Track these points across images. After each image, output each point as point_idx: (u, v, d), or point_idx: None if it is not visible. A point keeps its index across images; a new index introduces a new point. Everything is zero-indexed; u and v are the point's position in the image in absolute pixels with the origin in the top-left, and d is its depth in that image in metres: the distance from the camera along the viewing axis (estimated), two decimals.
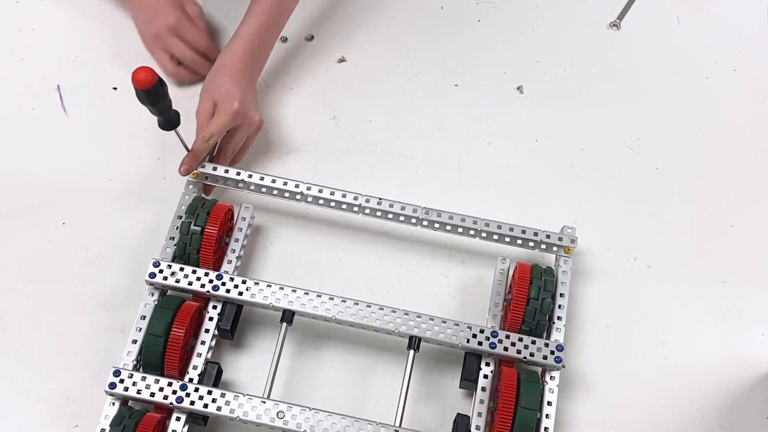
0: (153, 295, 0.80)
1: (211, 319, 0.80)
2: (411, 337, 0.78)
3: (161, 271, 0.80)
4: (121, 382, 0.74)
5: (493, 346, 0.78)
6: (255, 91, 0.93)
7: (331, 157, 0.96)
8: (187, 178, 0.86)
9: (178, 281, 0.80)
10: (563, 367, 0.78)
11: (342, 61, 1.04)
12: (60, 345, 0.82)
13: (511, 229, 0.85)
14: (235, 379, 0.82)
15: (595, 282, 0.89)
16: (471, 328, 0.79)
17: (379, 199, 0.86)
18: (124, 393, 0.74)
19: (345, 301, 0.79)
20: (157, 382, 0.74)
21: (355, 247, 0.90)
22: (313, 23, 1.06)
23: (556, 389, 0.78)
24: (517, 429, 0.74)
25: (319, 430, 0.73)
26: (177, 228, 0.83)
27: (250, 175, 0.86)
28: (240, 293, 0.79)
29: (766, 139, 1.01)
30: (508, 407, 0.74)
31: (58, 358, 0.81)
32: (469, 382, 0.79)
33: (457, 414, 0.78)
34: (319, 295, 0.80)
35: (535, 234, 0.85)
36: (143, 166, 0.93)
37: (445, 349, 0.82)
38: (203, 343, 0.79)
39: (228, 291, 0.79)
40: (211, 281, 0.80)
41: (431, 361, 0.83)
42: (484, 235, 0.85)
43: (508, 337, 0.79)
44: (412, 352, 0.78)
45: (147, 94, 0.74)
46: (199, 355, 0.78)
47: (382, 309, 0.79)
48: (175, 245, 0.82)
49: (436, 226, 0.86)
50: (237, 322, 0.81)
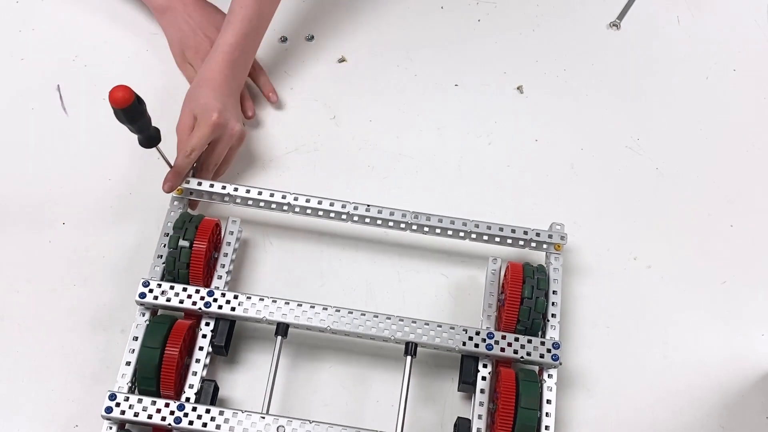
0: (144, 315, 0.79)
1: (204, 336, 0.79)
2: (407, 344, 0.78)
3: (151, 290, 0.79)
4: (117, 405, 0.73)
5: (489, 347, 0.78)
6: (238, 102, 0.92)
7: (331, 157, 0.96)
8: (172, 194, 0.85)
9: (168, 300, 0.78)
10: (560, 364, 0.78)
11: (342, 61, 1.04)
12: (60, 345, 0.82)
13: (501, 229, 0.85)
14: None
15: (595, 282, 0.89)
16: (467, 330, 0.79)
17: (368, 205, 0.85)
18: (121, 416, 0.73)
19: (339, 310, 0.79)
20: (154, 403, 0.73)
21: (354, 249, 0.90)
22: (313, 23, 1.06)
23: (554, 387, 0.78)
24: (519, 429, 0.74)
25: None
26: (164, 245, 0.82)
27: (236, 188, 0.85)
28: (232, 308, 0.78)
29: (766, 139, 1.01)
30: (508, 408, 0.74)
31: (58, 358, 0.81)
32: (467, 384, 0.79)
33: (458, 418, 0.78)
34: (313, 306, 0.79)
35: (525, 233, 0.85)
36: (143, 166, 0.93)
37: (442, 352, 0.81)
38: (198, 361, 0.77)
39: (220, 307, 0.78)
40: (202, 298, 0.79)
41: (430, 365, 0.83)
42: (474, 236, 0.85)
43: (504, 337, 0.79)
44: (409, 358, 0.78)
45: (125, 112, 0.72)
46: (194, 373, 0.77)
47: (377, 317, 0.79)
48: (163, 263, 0.81)
49: (426, 230, 0.86)
50: (231, 338, 0.80)
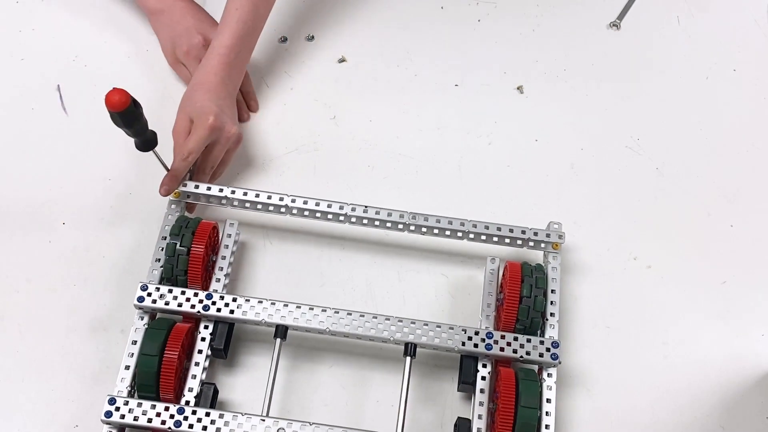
0: (143, 319, 0.79)
1: (203, 339, 0.78)
2: (407, 344, 0.78)
3: (149, 294, 0.78)
4: (117, 410, 0.73)
5: (489, 347, 0.78)
6: (234, 105, 0.92)
7: (331, 157, 0.96)
8: (169, 197, 0.85)
9: (167, 303, 0.78)
10: (559, 363, 0.78)
11: (342, 61, 1.04)
12: (60, 345, 0.82)
13: (498, 229, 0.85)
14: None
15: (595, 282, 0.89)
16: (466, 330, 0.79)
17: (365, 207, 0.85)
18: (121, 421, 0.73)
19: (338, 312, 0.79)
20: (153, 407, 0.73)
21: (354, 250, 0.90)
22: (313, 23, 1.06)
23: (554, 386, 0.78)
24: (519, 428, 0.74)
25: None
26: (162, 249, 0.81)
27: (233, 191, 0.85)
28: (231, 311, 0.78)
29: (766, 139, 1.01)
30: (508, 408, 0.74)
31: (58, 358, 0.81)
32: (467, 384, 0.79)
33: (458, 418, 0.78)
34: (312, 308, 0.79)
35: (523, 232, 0.85)
36: (143, 166, 0.92)
37: (442, 353, 0.81)
38: (197, 364, 0.77)
39: (219, 310, 0.78)
40: (201, 301, 0.78)
41: (429, 365, 0.83)
42: (472, 236, 0.85)
43: (503, 337, 0.79)
44: (408, 359, 0.77)
45: (121, 116, 0.72)
46: (194, 376, 0.77)
47: (376, 317, 0.79)
48: (161, 267, 0.81)
49: (424, 230, 0.86)
50: (230, 341, 0.80)
